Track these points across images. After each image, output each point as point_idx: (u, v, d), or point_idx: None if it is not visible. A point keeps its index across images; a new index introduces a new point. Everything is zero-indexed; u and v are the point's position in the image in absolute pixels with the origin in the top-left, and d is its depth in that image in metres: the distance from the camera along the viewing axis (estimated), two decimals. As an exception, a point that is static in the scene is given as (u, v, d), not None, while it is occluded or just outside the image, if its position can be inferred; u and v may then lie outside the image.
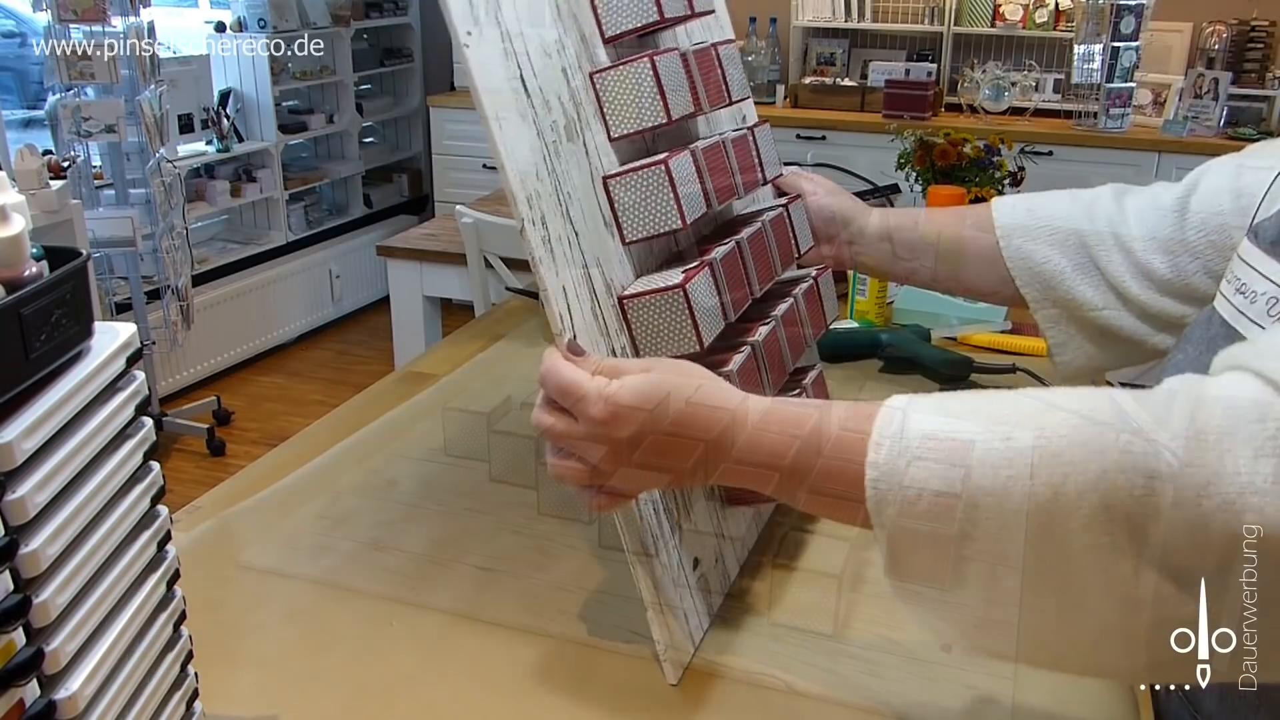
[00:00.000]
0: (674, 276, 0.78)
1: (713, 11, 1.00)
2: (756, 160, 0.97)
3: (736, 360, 0.81)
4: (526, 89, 0.78)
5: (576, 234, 0.78)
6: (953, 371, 1.28)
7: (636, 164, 0.80)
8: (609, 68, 0.82)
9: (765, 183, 0.99)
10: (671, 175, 0.78)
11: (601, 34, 0.86)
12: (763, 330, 0.87)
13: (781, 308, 0.91)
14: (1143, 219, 0.91)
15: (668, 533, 0.78)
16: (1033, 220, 0.97)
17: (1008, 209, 0.99)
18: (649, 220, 0.80)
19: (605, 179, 0.80)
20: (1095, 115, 4.00)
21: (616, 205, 0.81)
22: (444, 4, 0.74)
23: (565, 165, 0.78)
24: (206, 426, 3.47)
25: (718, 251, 0.83)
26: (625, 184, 0.80)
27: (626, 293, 0.78)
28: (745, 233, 0.89)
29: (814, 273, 1.00)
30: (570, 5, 0.84)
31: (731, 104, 0.96)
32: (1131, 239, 0.91)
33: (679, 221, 0.79)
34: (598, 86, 0.82)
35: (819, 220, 1.04)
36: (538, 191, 0.75)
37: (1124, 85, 3.94)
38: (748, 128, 0.97)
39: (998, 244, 0.97)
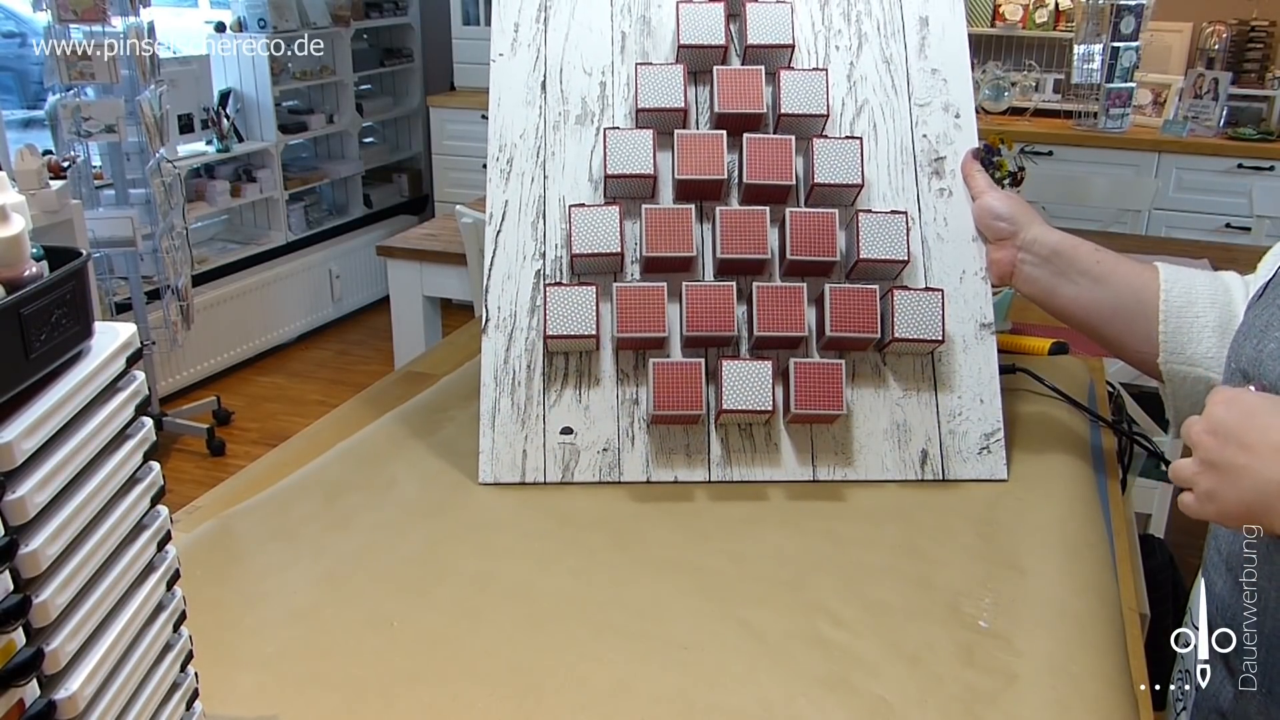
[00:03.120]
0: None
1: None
2: (790, 165, 1.02)
3: (627, 278, 1.01)
4: (545, 90, 1.02)
5: (546, 176, 1.02)
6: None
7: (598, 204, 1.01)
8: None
9: (812, 187, 1.02)
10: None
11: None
12: (710, 281, 1.00)
13: (779, 284, 1.01)
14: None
15: (537, 387, 1.01)
16: (1189, 276, 0.97)
17: (1166, 265, 1.00)
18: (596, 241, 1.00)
19: (570, 208, 1.00)
20: (1095, 115, 4.01)
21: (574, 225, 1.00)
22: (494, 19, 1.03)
23: (560, 135, 1.03)
24: (206, 426, 3.47)
25: (664, 203, 1.02)
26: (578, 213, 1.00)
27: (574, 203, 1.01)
28: (725, 206, 1.01)
29: (888, 287, 1.01)
30: (645, 41, 1.06)
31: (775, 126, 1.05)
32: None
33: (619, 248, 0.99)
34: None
35: (989, 218, 1.03)
36: (515, 144, 1.02)
37: (1124, 85, 3.94)
38: (809, 137, 1.03)
39: (1159, 284, 0.97)
